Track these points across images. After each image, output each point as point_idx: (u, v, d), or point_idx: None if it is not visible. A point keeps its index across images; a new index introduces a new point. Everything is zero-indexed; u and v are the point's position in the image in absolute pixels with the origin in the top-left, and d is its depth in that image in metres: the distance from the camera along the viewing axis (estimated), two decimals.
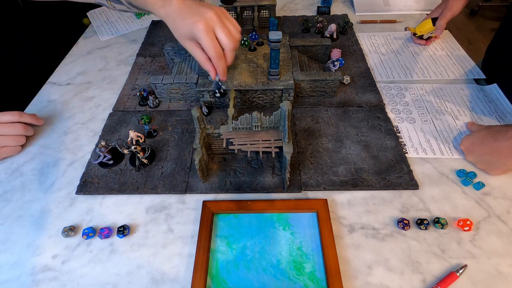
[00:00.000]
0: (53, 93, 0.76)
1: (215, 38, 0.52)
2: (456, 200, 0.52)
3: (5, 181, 0.58)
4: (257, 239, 0.49)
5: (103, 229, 0.50)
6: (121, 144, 0.60)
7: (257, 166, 0.58)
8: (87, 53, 0.88)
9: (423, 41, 0.84)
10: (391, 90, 0.73)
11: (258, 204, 0.52)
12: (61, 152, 0.63)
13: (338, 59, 0.74)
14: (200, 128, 0.52)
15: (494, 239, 0.48)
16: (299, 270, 0.45)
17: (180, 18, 0.53)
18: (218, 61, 0.53)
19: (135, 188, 0.55)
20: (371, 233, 0.49)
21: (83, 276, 0.46)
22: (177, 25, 0.54)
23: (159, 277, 0.46)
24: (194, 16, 0.51)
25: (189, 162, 0.59)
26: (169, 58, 0.77)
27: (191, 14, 0.52)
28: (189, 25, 0.52)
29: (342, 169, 0.57)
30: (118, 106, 0.71)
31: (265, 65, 0.69)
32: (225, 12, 0.55)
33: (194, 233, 0.50)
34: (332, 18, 0.95)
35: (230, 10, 0.86)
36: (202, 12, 0.52)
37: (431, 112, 0.67)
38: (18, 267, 0.47)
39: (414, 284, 0.44)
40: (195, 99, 0.71)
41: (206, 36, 0.51)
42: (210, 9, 0.52)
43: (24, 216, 0.53)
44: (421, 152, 0.59)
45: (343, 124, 0.64)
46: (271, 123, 0.54)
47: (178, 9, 0.53)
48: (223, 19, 0.53)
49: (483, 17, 2.53)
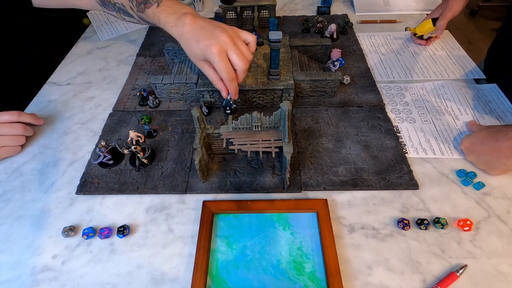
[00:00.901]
0: (53, 93, 0.76)
1: (228, 61, 0.53)
2: (456, 200, 0.52)
3: (5, 181, 0.58)
4: (257, 239, 0.49)
5: (103, 229, 0.50)
6: (121, 144, 0.60)
7: (257, 166, 0.58)
8: (87, 53, 0.88)
9: (423, 41, 0.84)
10: (391, 90, 0.73)
11: (258, 204, 0.52)
12: (61, 152, 0.63)
13: (338, 59, 0.74)
14: (200, 128, 0.52)
15: (494, 239, 0.48)
16: (299, 270, 0.45)
17: (193, 39, 0.53)
18: (231, 83, 0.54)
19: (135, 188, 0.55)
20: (371, 233, 0.49)
21: (83, 276, 0.46)
22: (190, 46, 0.54)
23: (159, 277, 0.46)
24: (208, 39, 0.52)
25: (189, 162, 0.59)
26: (169, 58, 0.77)
27: (205, 37, 0.52)
28: (202, 48, 0.52)
29: (342, 169, 0.57)
30: (118, 106, 0.71)
31: (265, 65, 0.69)
32: (237, 32, 0.55)
33: (194, 233, 0.50)
34: (332, 18, 0.95)
35: (230, 10, 0.86)
36: (216, 35, 0.52)
37: (431, 112, 0.67)
38: (18, 267, 0.47)
39: (414, 284, 0.44)
40: (195, 99, 0.71)
41: (220, 60, 0.51)
42: (224, 32, 0.52)
43: (24, 216, 0.53)
44: (421, 152, 0.59)
45: (343, 124, 0.64)
46: (271, 123, 0.54)
47: (191, 29, 0.54)
48: (236, 41, 0.53)
49: (483, 17, 2.53)
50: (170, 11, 0.57)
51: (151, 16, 0.59)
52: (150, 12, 0.59)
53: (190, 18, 0.54)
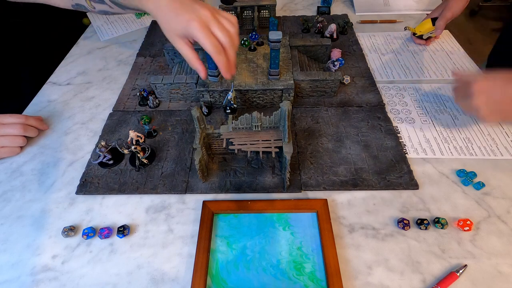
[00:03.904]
0: (53, 93, 0.76)
1: (212, 34, 0.50)
2: (456, 200, 0.52)
3: (5, 181, 0.58)
4: (257, 239, 0.49)
5: (103, 229, 0.50)
6: (121, 144, 0.60)
7: (257, 166, 0.58)
8: (87, 53, 0.88)
9: (423, 41, 0.84)
10: (390, 90, 0.73)
11: (258, 204, 0.52)
12: (61, 152, 0.63)
13: (338, 59, 0.74)
14: (200, 128, 0.52)
15: (494, 239, 0.48)
16: (299, 270, 0.45)
17: (172, 13, 0.51)
18: (218, 55, 0.50)
19: (135, 188, 0.55)
20: (371, 233, 0.49)
21: (83, 276, 0.46)
22: (168, 20, 0.52)
23: (159, 277, 0.45)
24: (188, 13, 0.50)
25: (189, 162, 0.59)
26: (169, 58, 0.77)
27: (185, 11, 0.50)
28: (183, 22, 0.50)
29: (342, 169, 0.57)
30: (118, 106, 0.71)
31: (265, 65, 0.69)
32: (218, 10, 0.54)
33: (194, 233, 0.50)
34: (332, 18, 0.95)
35: (230, 10, 0.86)
36: (196, 9, 0.50)
37: (431, 112, 0.67)
38: (18, 267, 0.47)
39: (414, 284, 0.44)
40: (195, 99, 0.71)
41: (202, 31, 0.49)
42: (204, 6, 0.51)
43: (24, 216, 0.53)
44: (421, 152, 0.59)
45: (343, 124, 0.64)
46: (271, 123, 0.54)
47: (169, 3, 0.51)
48: (217, 16, 0.51)
49: (483, 17, 2.53)
50: None
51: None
52: None
53: None
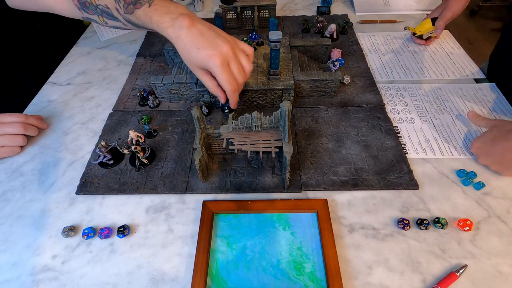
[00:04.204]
0: (53, 93, 0.76)
1: (231, 73, 0.51)
2: (456, 200, 0.52)
3: (5, 181, 0.58)
4: (257, 239, 0.49)
5: (103, 229, 0.50)
6: (121, 144, 0.60)
7: (257, 166, 0.58)
8: (87, 53, 0.88)
9: (423, 41, 0.84)
10: (390, 90, 0.73)
11: (258, 204, 0.52)
12: (61, 152, 0.63)
13: (338, 59, 0.74)
14: (200, 128, 0.52)
15: (494, 239, 0.48)
16: (299, 270, 0.45)
17: (193, 46, 0.51)
18: (233, 94, 0.53)
19: (135, 188, 0.55)
20: (371, 233, 0.49)
21: (83, 276, 0.46)
22: (189, 52, 0.52)
23: (159, 277, 0.46)
24: (210, 48, 0.50)
25: (189, 162, 0.59)
26: (169, 58, 0.77)
27: (206, 46, 0.50)
28: (204, 57, 0.50)
29: (342, 169, 0.57)
30: (118, 106, 0.71)
31: (265, 65, 0.69)
32: (237, 42, 0.54)
33: (194, 233, 0.50)
34: (332, 18, 0.95)
35: (230, 10, 0.86)
36: (218, 45, 0.51)
37: (431, 112, 0.67)
38: (18, 267, 0.47)
39: (414, 284, 0.44)
40: (195, 99, 0.71)
41: (223, 72, 0.50)
42: (226, 42, 0.51)
43: (24, 216, 0.53)
44: (421, 152, 0.59)
45: (343, 124, 0.64)
46: (271, 123, 0.54)
47: (190, 34, 0.51)
48: (237, 53, 0.53)
49: (483, 17, 2.53)
50: (164, 10, 0.53)
51: (142, 16, 0.54)
52: (141, 12, 0.54)
53: (188, 20, 0.51)
